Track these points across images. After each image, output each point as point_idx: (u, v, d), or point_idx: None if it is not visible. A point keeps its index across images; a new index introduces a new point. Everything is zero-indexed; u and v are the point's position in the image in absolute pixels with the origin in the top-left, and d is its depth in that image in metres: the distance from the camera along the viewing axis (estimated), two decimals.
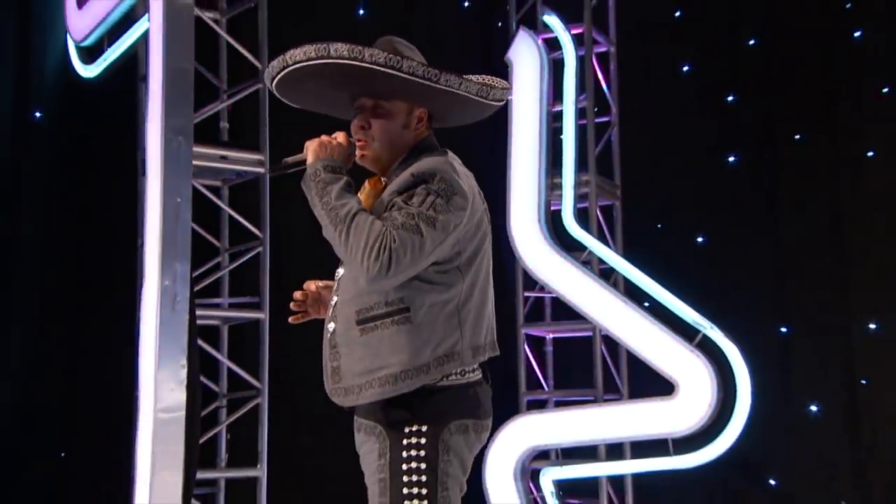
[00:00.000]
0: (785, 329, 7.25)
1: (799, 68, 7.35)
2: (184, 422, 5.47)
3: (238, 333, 6.43)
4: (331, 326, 2.97)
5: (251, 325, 6.29)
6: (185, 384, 5.49)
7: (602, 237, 7.00)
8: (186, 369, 5.49)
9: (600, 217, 7.08)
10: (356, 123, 3.01)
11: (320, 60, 2.88)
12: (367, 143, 3.00)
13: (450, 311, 2.86)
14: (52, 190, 6.54)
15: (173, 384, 5.44)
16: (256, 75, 6.35)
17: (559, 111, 6.77)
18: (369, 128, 2.99)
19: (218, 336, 6.36)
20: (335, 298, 2.99)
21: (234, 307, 6.38)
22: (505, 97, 3.09)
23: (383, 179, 3.02)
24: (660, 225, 7.49)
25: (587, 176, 6.89)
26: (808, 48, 7.35)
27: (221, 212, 6.43)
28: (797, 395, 7.09)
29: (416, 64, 2.88)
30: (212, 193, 6.29)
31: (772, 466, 7.15)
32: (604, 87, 7.30)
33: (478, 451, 2.95)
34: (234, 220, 6.37)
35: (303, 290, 3.22)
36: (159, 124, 5.57)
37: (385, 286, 2.79)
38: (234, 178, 6.41)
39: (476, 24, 7.43)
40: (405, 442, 2.81)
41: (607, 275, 6.71)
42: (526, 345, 7.15)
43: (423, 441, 2.81)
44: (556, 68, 6.81)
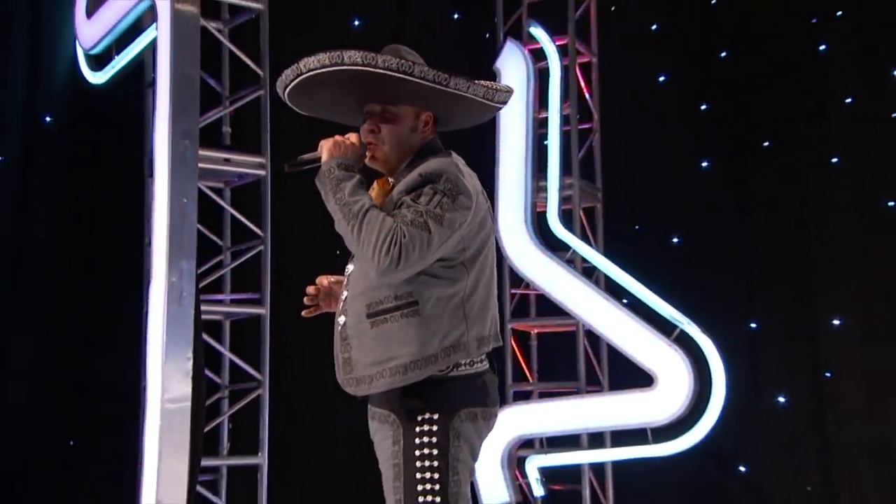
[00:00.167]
0: (754, 325, 7.27)
1: (768, 79, 7.37)
2: (190, 412, 5.48)
3: (239, 328, 6.43)
4: (341, 320, 2.95)
5: (252, 320, 6.29)
6: (191, 376, 5.51)
7: (585, 237, 7.01)
8: (192, 362, 5.51)
9: (583, 218, 7.08)
10: (366, 128, 3.00)
11: (334, 67, 2.85)
12: (377, 147, 2.98)
13: (455, 305, 2.86)
14: (61, 191, 6.50)
15: (180, 376, 5.44)
16: (258, 82, 6.35)
17: (544, 118, 6.81)
18: (379, 132, 2.97)
19: (220, 330, 6.35)
20: (345, 293, 2.97)
21: (236, 303, 6.37)
22: (507, 100, 3.10)
23: (390, 180, 3.02)
24: (638, 226, 7.50)
25: (571, 179, 6.91)
26: (777, 61, 7.37)
27: (224, 212, 6.42)
28: (765, 388, 7.11)
29: (427, 69, 2.87)
30: (215, 194, 6.30)
31: (742, 454, 7.16)
32: (586, 96, 7.31)
33: (486, 437, 2.94)
34: (236, 220, 6.38)
35: (315, 285, 3.16)
36: (167, 128, 5.57)
37: (394, 279, 2.79)
38: (236, 180, 6.41)
39: (466, 35, 7.43)
40: (418, 429, 2.81)
41: (590, 273, 6.75)
42: (512, 339, 7.16)
43: (435, 429, 2.80)
44: (542, 77, 6.84)
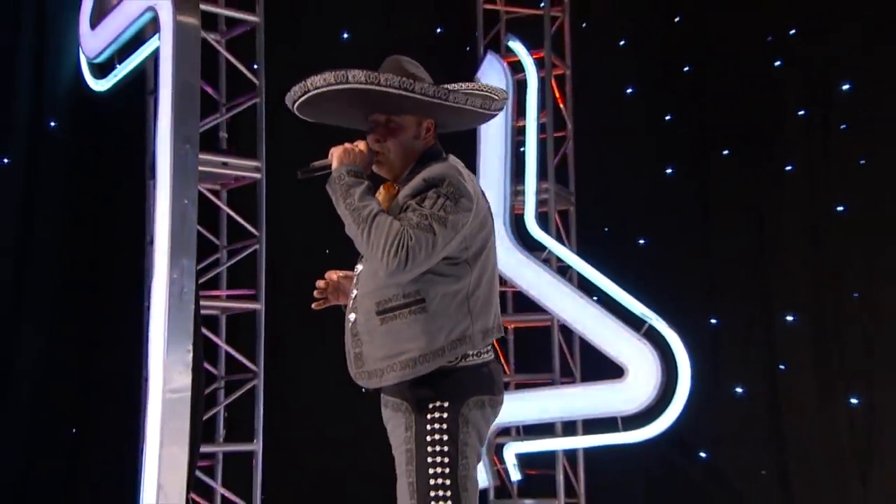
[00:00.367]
0: (714, 321, 7.31)
1: (727, 92, 7.41)
2: (189, 401, 5.46)
3: (235, 322, 6.41)
4: (352, 317, 2.96)
5: (247, 315, 6.27)
6: (191, 368, 5.49)
7: (559, 238, 7.04)
8: (192, 354, 5.49)
9: (558, 221, 7.11)
10: (372, 138, 3.00)
11: (339, 86, 2.86)
12: (383, 154, 2.99)
13: (460, 300, 2.86)
14: (64, 193, 6.47)
15: (180, 368, 5.41)
16: (254, 90, 6.34)
17: (522, 126, 6.83)
18: (384, 141, 2.98)
19: (217, 324, 6.33)
20: (355, 291, 2.98)
21: (232, 299, 6.35)
22: (503, 106, 3.11)
23: (395, 185, 3.02)
24: (607, 228, 7.52)
25: (546, 184, 6.93)
26: (735, 75, 7.40)
27: (220, 213, 6.40)
28: (725, 379, 7.13)
29: (427, 85, 2.88)
30: (212, 196, 6.28)
31: (703, 441, 7.19)
32: (561, 106, 7.34)
33: (492, 423, 2.95)
34: (231, 220, 6.36)
35: (325, 280, 3.16)
36: (169, 134, 5.54)
37: (402, 279, 2.80)
38: (233, 183, 6.39)
39: (448, 48, 7.43)
40: (429, 416, 2.82)
41: (564, 272, 6.79)
42: None
43: (445, 416, 2.82)
44: (520, 88, 6.87)
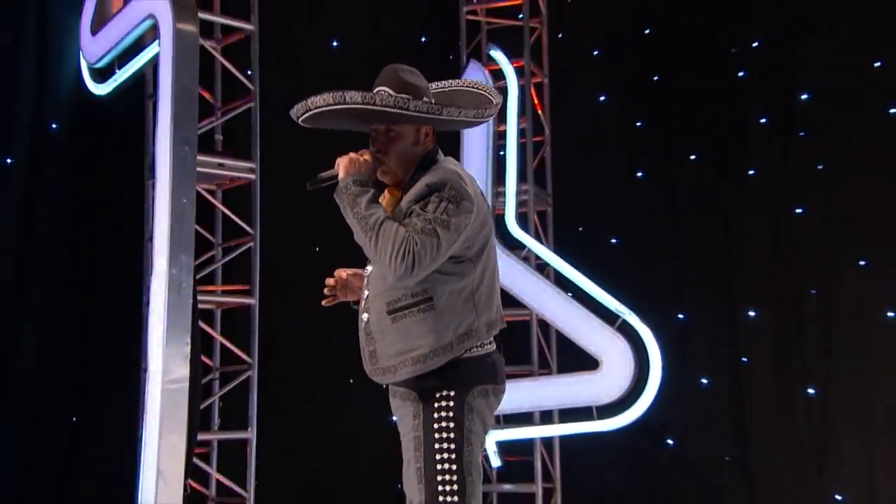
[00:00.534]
0: (682, 316, 7.33)
1: (694, 101, 7.43)
2: (188, 391, 5.45)
3: (229, 316, 6.40)
4: (364, 316, 2.97)
5: (241, 309, 6.27)
6: (189, 359, 5.49)
7: (538, 237, 7.05)
8: (190, 347, 5.49)
9: (536, 221, 7.13)
10: (374, 148, 2.99)
11: (337, 106, 2.87)
12: (385, 163, 2.98)
13: (466, 297, 2.88)
14: (65, 191, 6.43)
15: (179, 359, 5.42)
16: (248, 94, 6.34)
17: (503, 131, 6.83)
18: (386, 150, 2.97)
19: (212, 318, 6.32)
20: (366, 292, 2.98)
21: (227, 294, 6.34)
22: (495, 112, 3.11)
23: (398, 189, 3.00)
24: (581, 228, 7.52)
25: (526, 186, 6.94)
26: (701, 84, 7.42)
27: (216, 212, 6.40)
28: (691, 371, 7.15)
29: (421, 103, 2.88)
30: (209, 195, 6.27)
31: (670, 430, 7.21)
32: (539, 113, 7.35)
33: (496, 410, 2.95)
34: (226, 219, 6.36)
35: (334, 277, 3.15)
36: (168, 136, 5.54)
37: (410, 283, 2.81)
38: (227, 183, 6.39)
39: (432, 56, 7.42)
40: (436, 405, 2.83)
41: (542, 269, 6.80)
42: None
43: (452, 404, 2.83)
44: (500, 95, 6.89)
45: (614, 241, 7.53)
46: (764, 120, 7.33)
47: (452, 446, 2.81)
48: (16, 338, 6.16)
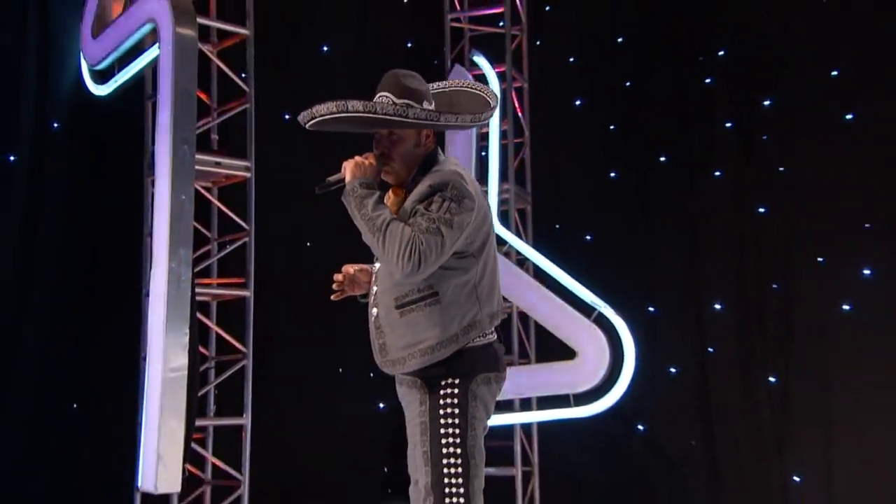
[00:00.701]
0: (652, 309, 7.37)
1: (664, 105, 7.50)
2: (186, 379, 5.44)
3: (224, 308, 6.39)
4: (374, 311, 2.98)
5: (236, 301, 6.26)
6: (187, 349, 5.48)
7: (518, 234, 7.07)
8: (188, 337, 5.48)
9: (517, 218, 7.14)
10: (377, 150, 2.99)
11: (340, 114, 2.89)
12: (389, 165, 2.99)
13: (469, 290, 2.90)
14: (67, 187, 6.38)
15: (178, 349, 5.40)
16: (243, 96, 6.32)
17: (485, 133, 6.84)
18: (389, 153, 2.98)
19: (208, 310, 6.31)
20: (375, 288, 2.99)
21: (222, 286, 6.32)
22: (492, 115, 3.12)
23: (402, 189, 3.01)
24: (558, 225, 7.54)
25: (507, 185, 6.94)
26: (671, 90, 7.50)
27: (212, 208, 6.38)
28: (660, 361, 7.19)
29: (420, 110, 2.90)
30: (205, 192, 6.25)
31: (641, 416, 7.25)
32: (519, 116, 7.36)
33: (497, 397, 2.97)
34: (222, 215, 6.34)
35: (342, 273, 3.13)
36: (168, 135, 5.52)
37: (416, 280, 2.82)
38: (223, 181, 6.37)
39: (418, 61, 7.42)
40: (441, 392, 2.85)
41: (522, 263, 6.82)
42: None
43: (456, 391, 2.85)
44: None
45: (589, 238, 7.56)
46: (729, 124, 7.39)
47: (457, 431, 2.82)
48: (18, 327, 6.11)
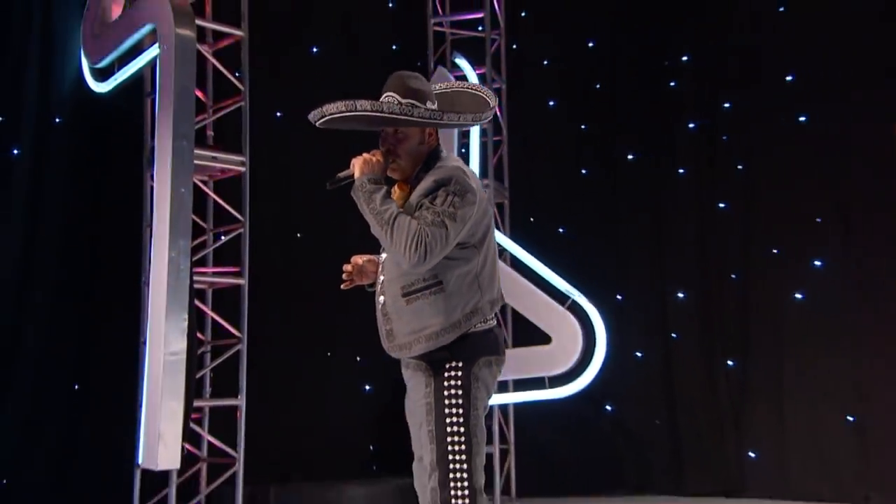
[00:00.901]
0: (620, 297, 7.45)
1: (632, 107, 7.58)
2: (185, 362, 5.42)
3: (220, 295, 6.37)
4: (381, 299, 2.99)
5: (231, 289, 6.24)
6: (186, 334, 5.46)
7: (496, 226, 7.08)
8: (187, 322, 5.46)
9: (495, 211, 7.10)
10: (384, 148, 3.00)
11: (349, 113, 2.89)
12: (395, 161, 3.00)
13: (471, 279, 2.91)
14: (68, 180, 6.30)
15: (177, 333, 5.37)
16: (237, 94, 6.28)
17: (466, 131, 6.84)
18: (395, 149, 2.99)
19: (205, 297, 6.29)
20: (382, 277, 3.00)
21: (218, 275, 6.28)
22: (491, 114, 3.12)
23: (407, 183, 3.02)
24: (533, 218, 7.58)
25: (486, 180, 6.95)
26: (639, 92, 7.58)
27: (208, 201, 6.35)
28: (627, 345, 7.27)
29: (424, 109, 2.91)
30: (202, 185, 6.22)
31: (609, 397, 7.33)
32: (498, 115, 7.38)
33: (497, 379, 2.99)
34: (217, 207, 6.31)
35: (351, 264, 3.14)
36: (169, 131, 5.48)
37: (422, 270, 2.84)
38: (219, 175, 6.34)
39: (402, 62, 7.40)
40: (445, 375, 2.86)
41: (500, 254, 6.84)
42: None
43: (460, 374, 2.86)
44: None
45: (562, 231, 7.61)
46: (692, 125, 7.49)
47: (460, 411, 2.84)
48: (22, 312, 6.05)
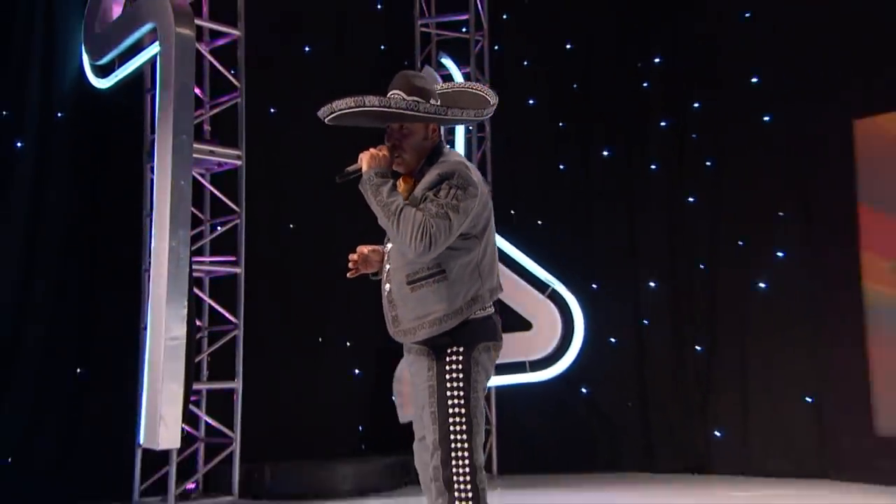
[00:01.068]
0: (595, 286, 7.51)
1: (607, 106, 7.64)
2: (185, 347, 5.43)
3: (216, 283, 6.37)
4: (387, 287, 2.98)
5: (227, 277, 6.25)
6: (186, 320, 5.47)
7: None
8: (186, 309, 5.47)
9: None
10: (389, 143, 3.00)
11: (358, 108, 2.88)
12: (400, 156, 3.00)
13: (472, 268, 2.91)
14: (70, 172, 6.26)
15: (178, 320, 5.38)
16: (234, 91, 6.29)
17: (452, 127, 6.87)
18: (400, 144, 2.98)
19: (202, 284, 6.29)
20: (387, 266, 3.00)
21: (215, 264, 6.29)
22: (492, 111, 3.09)
23: (411, 177, 3.01)
24: (513, 211, 7.61)
25: None
26: (613, 92, 7.63)
27: (205, 193, 6.35)
28: (601, 331, 7.33)
29: (429, 105, 2.91)
30: (200, 178, 6.22)
31: (584, 380, 7.38)
32: None
33: (495, 363, 2.99)
34: (214, 199, 6.32)
35: (356, 253, 3.11)
36: (170, 125, 5.47)
37: (427, 259, 2.84)
38: (216, 168, 6.33)
39: (390, 62, 7.42)
40: (447, 359, 2.86)
41: None
42: None
43: (461, 358, 2.87)
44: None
45: (540, 223, 7.65)
46: (664, 123, 7.57)
47: (461, 393, 2.85)
48: (26, 299, 6.00)
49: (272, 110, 6.82)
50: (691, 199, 7.44)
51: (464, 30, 7.43)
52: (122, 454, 5.92)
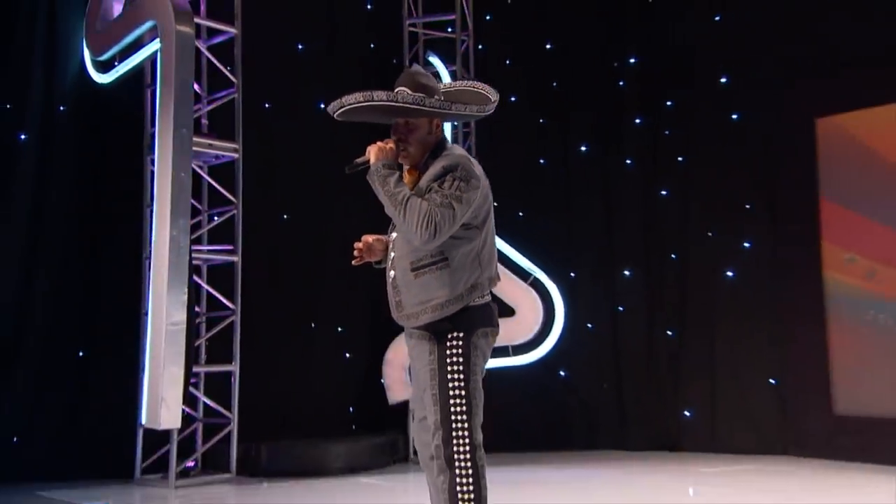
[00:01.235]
0: (573, 274, 7.50)
1: (584, 103, 7.65)
2: (185, 332, 5.45)
3: (214, 270, 6.37)
4: (392, 273, 3.00)
5: (224, 265, 6.25)
6: (186, 305, 5.48)
7: None
8: (186, 295, 5.48)
9: None
10: (395, 137, 3.00)
11: (366, 103, 2.89)
12: (405, 149, 3.00)
13: (473, 256, 2.93)
14: (72, 164, 6.23)
15: (178, 305, 5.40)
16: (231, 86, 6.29)
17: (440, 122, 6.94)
18: (406, 139, 2.99)
19: (200, 272, 6.29)
20: (392, 254, 3.01)
21: (213, 252, 6.29)
22: (493, 108, 3.10)
23: (416, 170, 3.02)
24: (496, 203, 7.55)
25: None
26: (590, 91, 7.65)
27: (203, 184, 6.35)
28: (579, 317, 7.35)
29: (434, 100, 2.92)
30: (198, 169, 6.21)
31: (562, 364, 7.41)
32: None
33: (492, 348, 3.01)
34: (212, 190, 6.31)
35: (361, 242, 3.12)
36: (170, 119, 5.48)
37: (431, 247, 2.86)
38: (213, 160, 6.33)
39: (378, 59, 7.43)
40: (448, 344, 2.88)
41: None
42: None
43: (460, 343, 2.88)
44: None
45: (521, 214, 7.67)
46: (638, 120, 7.62)
47: (461, 376, 2.87)
48: (30, 285, 5.98)
49: (267, 105, 6.81)
50: (664, 193, 7.50)
51: (450, 30, 7.43)
52: (125, 434, 5.93)
